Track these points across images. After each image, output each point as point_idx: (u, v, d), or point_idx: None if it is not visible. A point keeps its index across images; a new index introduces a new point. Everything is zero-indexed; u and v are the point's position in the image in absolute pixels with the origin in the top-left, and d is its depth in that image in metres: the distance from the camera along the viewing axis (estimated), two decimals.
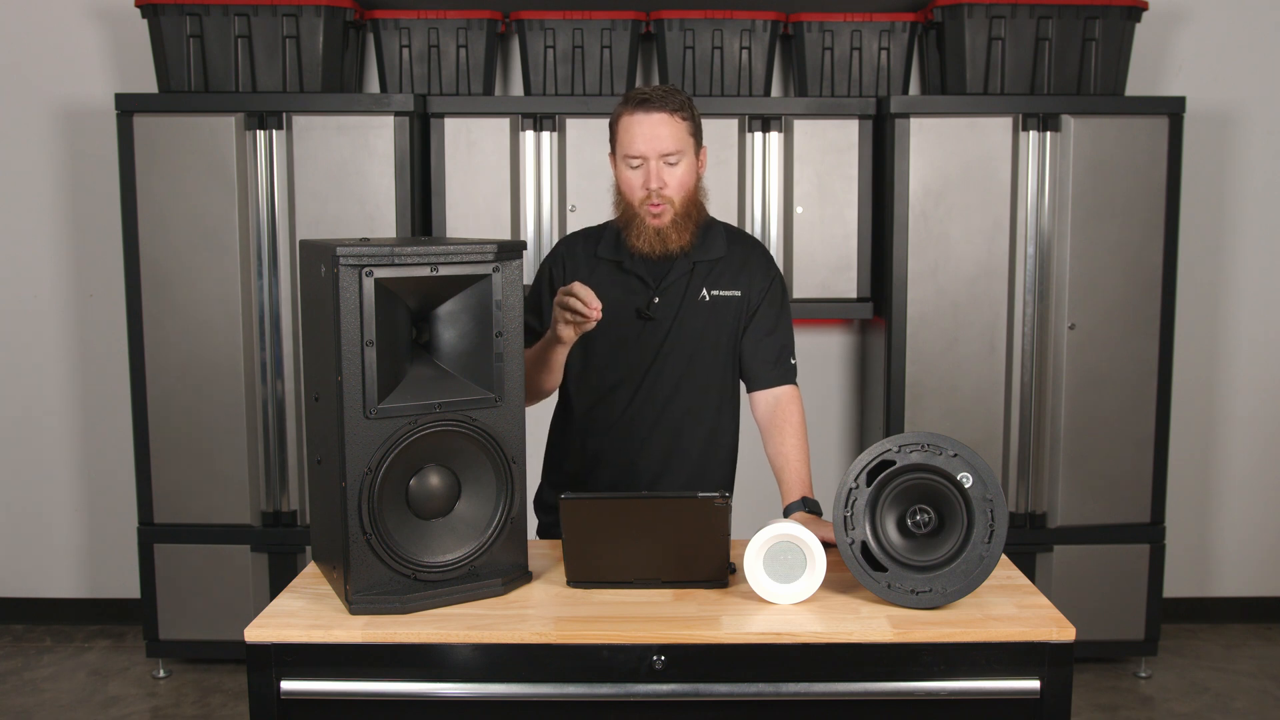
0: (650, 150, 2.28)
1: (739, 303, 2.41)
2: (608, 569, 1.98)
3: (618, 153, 2.34)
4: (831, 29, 3.76)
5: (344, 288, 1.82)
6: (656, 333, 2.37)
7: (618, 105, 2.34)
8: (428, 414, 1.88)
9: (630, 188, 2.32)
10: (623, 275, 2.39)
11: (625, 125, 2.30)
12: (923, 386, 3.66)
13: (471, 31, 3.74)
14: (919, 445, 1.90)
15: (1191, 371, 4.14)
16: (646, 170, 2.29)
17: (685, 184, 2.32)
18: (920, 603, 1.87)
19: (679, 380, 2.39)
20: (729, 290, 2.40)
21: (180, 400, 3.61)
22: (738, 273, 2.41)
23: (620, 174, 2.35)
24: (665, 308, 2.37)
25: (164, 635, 3.71)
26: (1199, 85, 4.06)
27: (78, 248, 4.11)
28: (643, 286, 2.38)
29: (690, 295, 2.38)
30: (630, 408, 2.39)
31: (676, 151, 2.29)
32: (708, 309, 2.38)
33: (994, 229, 3.61)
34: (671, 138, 2.28)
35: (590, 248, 2.44)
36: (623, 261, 2.39)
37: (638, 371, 2.38)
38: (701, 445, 2.43)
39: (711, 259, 2.40)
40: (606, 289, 2.36)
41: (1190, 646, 4.07)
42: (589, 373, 2.42)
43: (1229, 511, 4.25)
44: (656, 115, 2.27)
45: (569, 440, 2.48)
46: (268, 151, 3.57)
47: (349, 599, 1.87)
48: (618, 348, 2.38)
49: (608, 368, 2.40)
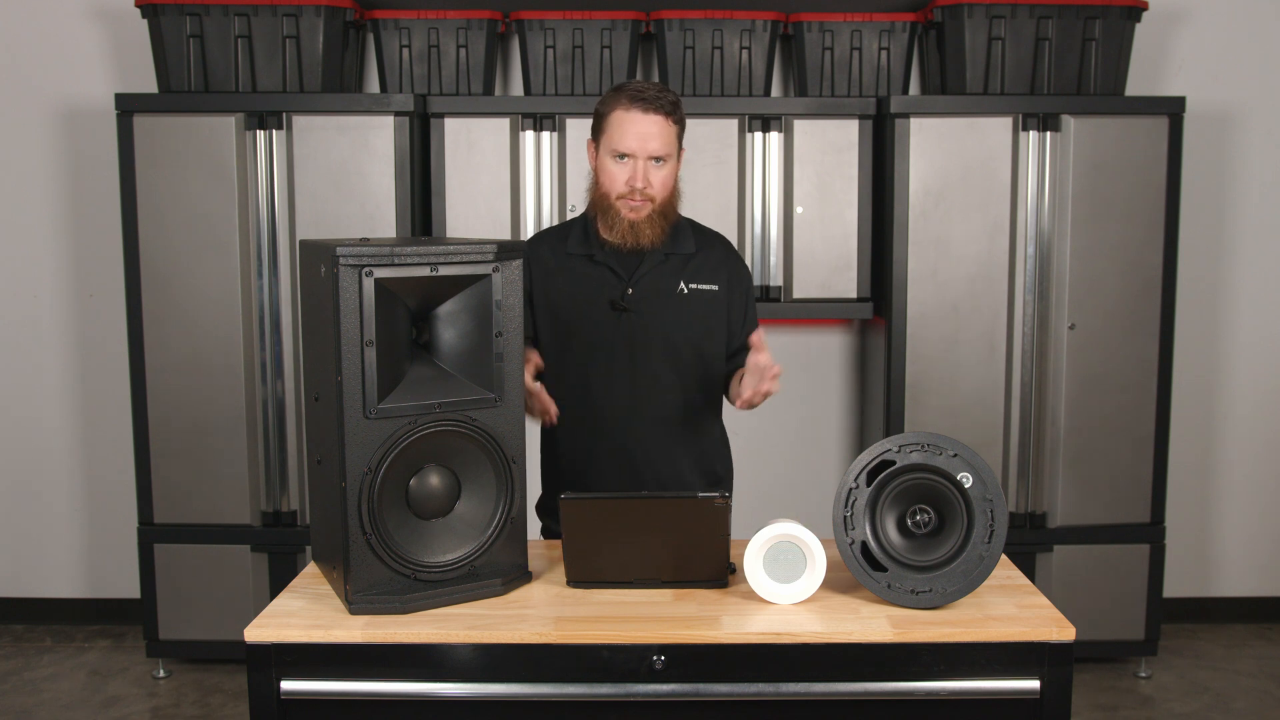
0: (641, 150, 2.28)
1: (718, 296, 2.43)
2: (608, 569, 1.98)
3: (603, 143, 2.33)
4: (831, 29, 3.76)
5: (344, 288, 1.82)
6: (635, 326, 2.37)
7: (610, 95, 2.33)
8: (428, 414, 1.88)
9: (612, 180, 2.32)
10: (594, 267, 2.39)
11: (618, 119, 2.29)
12: (923, 386, 3.66)
13: (471, 31, 3.74)
14: (919, 445, 1.90)
15: (1191, 371, 4.14)
16: (633, 168, 2.29)
17: (668, 185, 2.33)
18: (920, 603, 1.87)
19: (662, 373, 2.39)
20: (707, 284, 2.42)
21: (180, 400, 3.61)
22: (716, 267, 2.44)
23: (602, 164, 2.34)
24: (641, 300, 2.37)
25: (164, 635, 3.71)
26: (1199, 85, 4.06)
27: (78, 248, 4.11)
28: (615, 279, 2.38)
29: (668, 287, 2.39)
30: (613, 402, 2.39)
31: (665, 154, 2.31)
32: (686, 302, 2.39)
33: (994, 229, 3.61)
34: (662, 140, 2.29)
35: (558, 246, 2.44)
36: (593, 254, 2.39)
37: (618, 365, 2.38)
38: (690, 438, 2.44)
39: (684, 253, 2.41)
40: (578, 283, 2.38)
41: (1190, 646, 4.07)
42: (567, 370, 2.42)
43: (1229, 511, 4.25)
44: (653, 116, 2.27)
45: (558, 440, 2.48)
46: (268, 151, 3.57)
47: (349, 599, 1.87)
48: (595, 342, 2.39)
49: (587, 363, 2.40)
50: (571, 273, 2.40)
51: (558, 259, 2.42)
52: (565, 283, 2.40)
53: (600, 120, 2.35)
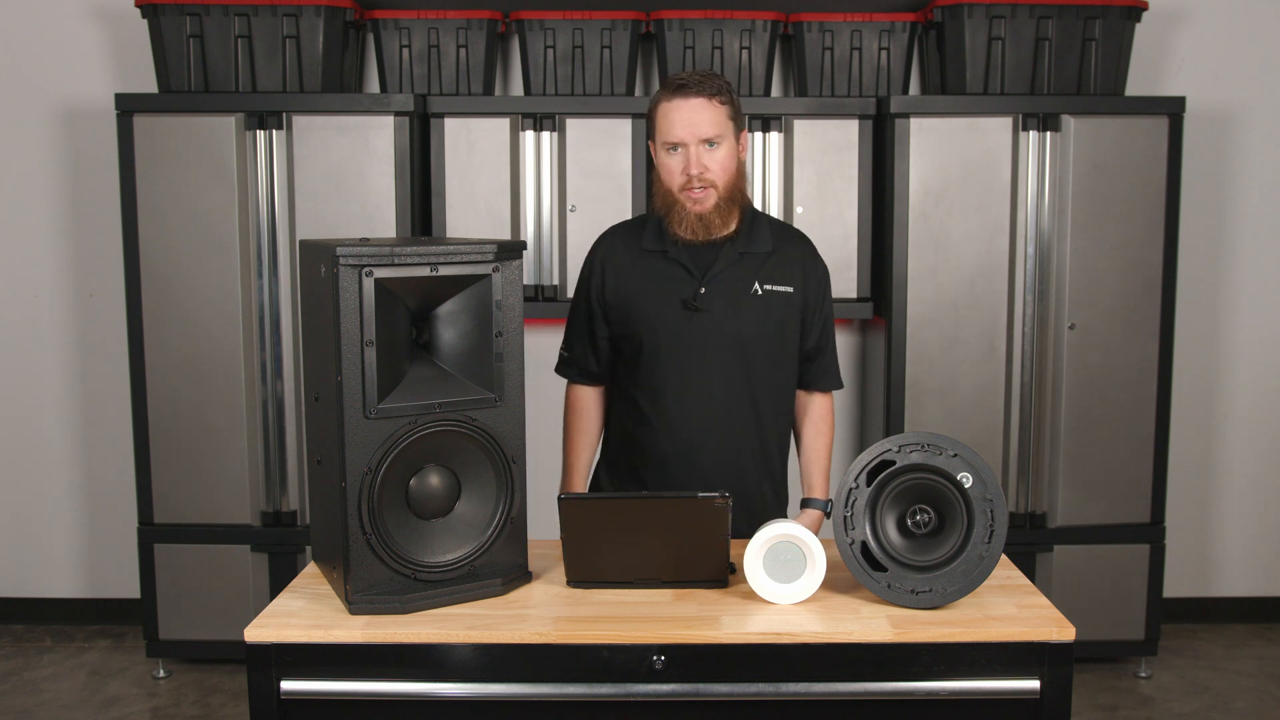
0: (689, 135, 2.25)
1: (793, 299, 2.37)
2: (608, 569, 1.98)
3: (657, 140, 2.31)
4: (831, 29, 3.76)
5: (344, 288, 1.82)
6: (707, 326, 2.32)
7: (656, 93, 2.32)
8: (428, 414, 1.88)
9: (670, 173, 2.29)
10: (668, 264, 2.35)
11: (664, 112, 2.28)
12: (923, 386, 3.66)
13: (471, 31, 3.74)
14: (919, 445, 1.90)
15: (1191, 371, 4.14)
16: (686, 155, 2.26)
17: (727, 168, 2.29)
18: (920, 603, 1.87)
19: (733, 376, 2.34)
20: (782, 285, 2.36)
21: (180, 400, 3.61)
22: (791, 267, 2.38)
23: (660, 161, 2.31)
24: (714, 299, 2.32)
25: (164, 635, 3.71)
26: (1199, 85, 4.06)
27: (78, 248, 4.11)
28: (688, 277, 2.33)
29: (742, 288, 2.34)
30: (683, 404, 2.34)
31: (716, 136, 2.27)
32: (761, 303, 2.34)
33: (994, 229, 3.61)
34: (710, 122, 2.26)
35: (633, 241, 2.41)
36: (667, 251, 2.35)
37: (689, 366, 2.33)
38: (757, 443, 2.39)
39: (761, 252, 2.36)
40: (652, 280, 2.34)
41: (1190, 646, 4.07)
42: (639, 369, 2.38)
43: (1229, 511, 4.25)
44: (694, 100, 2.25)
45: (623, 436, 2.45)
46: (268, 151, 3.57)
47: (349, 599, 1.87)
48: (667, 342, 2.34)
49: (657, 363, 2.35)
50: (645, 270, 2.36)
51: (631, 256, 2.39)
52: (639, 280, 2.36)
53: (650, 121, 2.33)
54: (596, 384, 2.51)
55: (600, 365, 2.47)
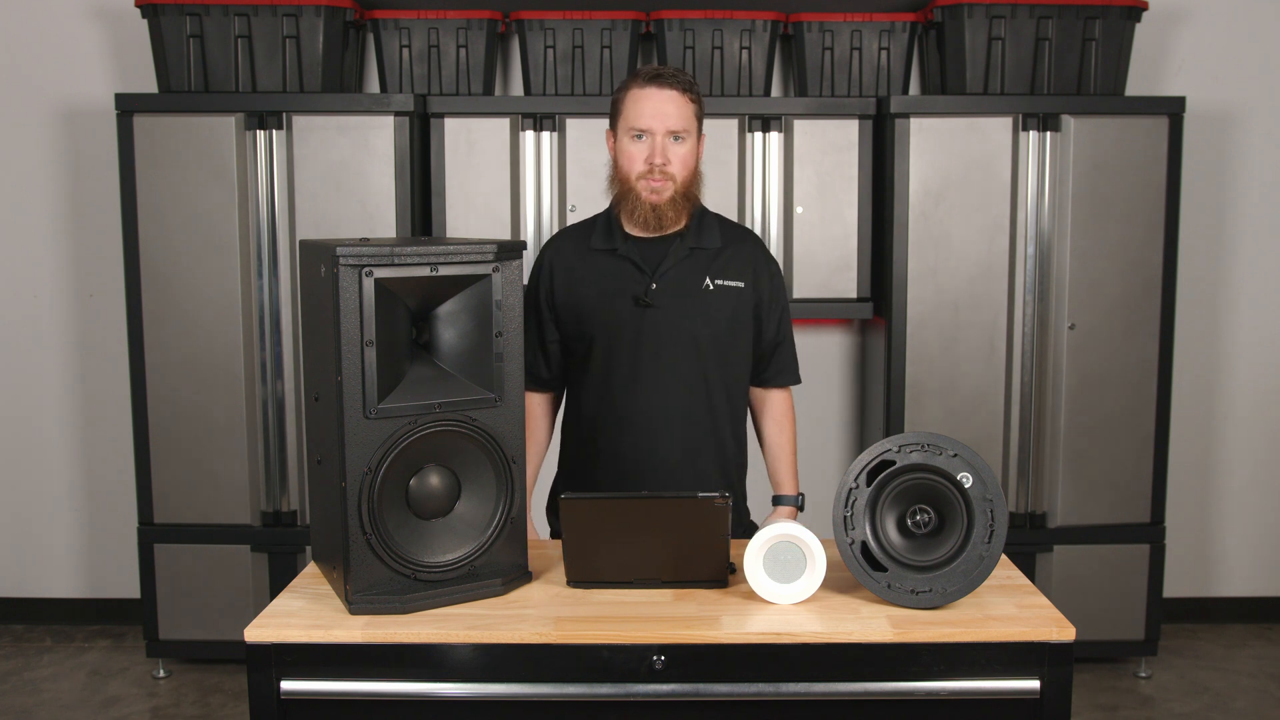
0: (658, 125, 2.26)
1: (744, 294, 2.38)
2: (608, 569, 1.98)
3: (620, 126, 2.31)
4: (831, 29, 3.76)
5: (344, 288, 1.82)
6: (659, 321, 2.33)
7: (625, 81, 2.33)
8: (428, 414, 1.88)
9: (630, 160, 2.29)
10: (617, 262, 2.36)
11: (634, 98, 2.28)
12: (923, 386, 3.66)
13: (471, 31, 3.74)
14: (919, 445, 1.90)
15: (1191, 371, 4.14)
16: (651, 144, 2.27)
17: (688, 164, 2.30)
18: (920, 603, 1.87)
19: (686, 371, 2.34)
20: (733, 280, 2.37)
21: (180, 400, 3.61)
22: (742, 264, 2.39)
23: (621, 148, 2.31)
24: (666, 295, 2.33)
25: (164, 635, 3.71)
26: (1199, 85, 4.06)
27: (78, 248, 4.11)
28: (638, 273, 2.34)
29: (693, 283, 2.34)
30: (636, 402, 2.34)
31: (683, 130, 2.28)
32: (713, 298, 2.35)
33: (994, 229, 3.61)
34: (679, 115, 2.27)
35: (581, 242, 2.41)
36: (616, 248, 2.36)
37: (641, 362, 2.34)
38: (712, 439, 2.39)
39: (710, 247, 2.37)
40: (601, 278, 2.35)
41: (1190, 646, 4.07)
42: (591, 369, 2.39)
43: (1229, 511, 4.25)
44: (668, 91, 2.26)
45: (579, 440, 2.45)
46: (268, 151, 3.57)
47: (349, 599, 1.87)
48: (619, 339, 2.34)
49: (609, 360, 2.36)
50: (594, 268, 2.36)
51: (580, 255, 2.39)
52: (589, 277, 2.37)
53: (616, 105, 2.33)
54: (545, 390, 2.51)
55: (550, 371, 2.48)
